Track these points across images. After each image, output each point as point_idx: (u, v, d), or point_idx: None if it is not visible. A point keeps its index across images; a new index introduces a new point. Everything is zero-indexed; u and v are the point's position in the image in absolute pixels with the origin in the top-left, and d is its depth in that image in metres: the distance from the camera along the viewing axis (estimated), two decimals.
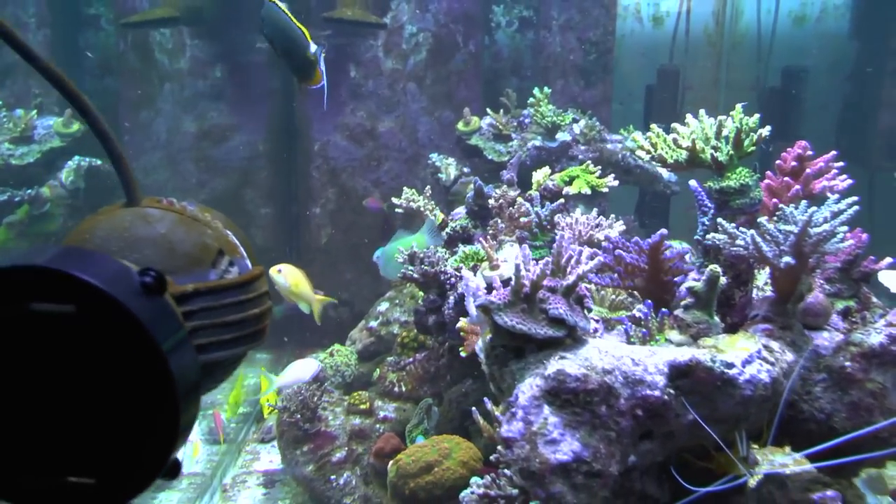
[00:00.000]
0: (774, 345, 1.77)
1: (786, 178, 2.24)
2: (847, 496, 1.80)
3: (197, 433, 4.18)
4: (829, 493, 1.73)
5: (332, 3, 4.79)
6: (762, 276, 2.15)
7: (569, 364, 1.54)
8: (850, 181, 2.16)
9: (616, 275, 2.04)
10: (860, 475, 2.02)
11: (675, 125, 2.03)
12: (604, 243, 2.07)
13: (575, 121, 4.42)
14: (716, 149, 1.93)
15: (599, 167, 3.41)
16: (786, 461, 1.71)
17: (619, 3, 5.56)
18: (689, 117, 2.06)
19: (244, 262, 0.91)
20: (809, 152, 2.22)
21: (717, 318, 1.80)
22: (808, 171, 2.19)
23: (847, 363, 1.80)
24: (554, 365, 1.55)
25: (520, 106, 4.56)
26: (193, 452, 3.26)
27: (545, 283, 1.64)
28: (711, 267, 1.75)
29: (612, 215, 2.73)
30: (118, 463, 0.64)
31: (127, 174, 0.84)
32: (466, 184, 4.28)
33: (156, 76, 5.23)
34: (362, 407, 3.70)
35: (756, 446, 1.76)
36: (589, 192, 3.32)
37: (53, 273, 0.60)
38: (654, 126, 2.08)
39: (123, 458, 0.63)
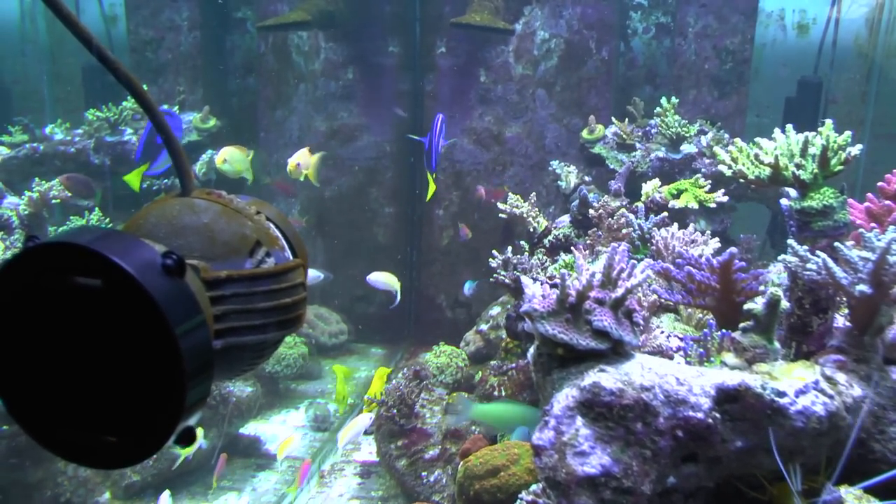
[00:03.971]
0: (841, 377, 1.67)
1: (887, 202, 2.10)
2: None
3: (304, 419, 4.37)
4: None
5: (465, 9, 4.86)
6: None
7: (606, 377, 1.53)
8: None
9: (687, 292, 1.99)
10: None
11: (758, 139, 1.95)
12: (677, 259, 2.02)
13: (702, 132, 4.28)
14: (799, 166, 1.84)
15: (709, 181, 3.30)
16: (849, 497, 1.61)
17: (761, 10, 5.32)
18: (776, 131, 1.98)
19: (283, 254, 0.98)
20: None
21: (777, 344, 1.72)
22: None
23: None
24: (591, 377, 1.54)
25: (652, 115, 4.46)
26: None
27: (594, 294, 1.63)
28: (772, 290, 1.68)
29: (707, 232, 2.63)
30: (136, 426, 0.72)
31: (183, 167, 0.93)
32: (590, 192, 4.24)
33: (292, 77, 5.47)
34: (460, 408, 3.75)
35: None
36: (696, 206, 3.22)
37: (86, 251, 0.68)
38: (737, 140, 2.01)
39: (140, 422, 0.71)
